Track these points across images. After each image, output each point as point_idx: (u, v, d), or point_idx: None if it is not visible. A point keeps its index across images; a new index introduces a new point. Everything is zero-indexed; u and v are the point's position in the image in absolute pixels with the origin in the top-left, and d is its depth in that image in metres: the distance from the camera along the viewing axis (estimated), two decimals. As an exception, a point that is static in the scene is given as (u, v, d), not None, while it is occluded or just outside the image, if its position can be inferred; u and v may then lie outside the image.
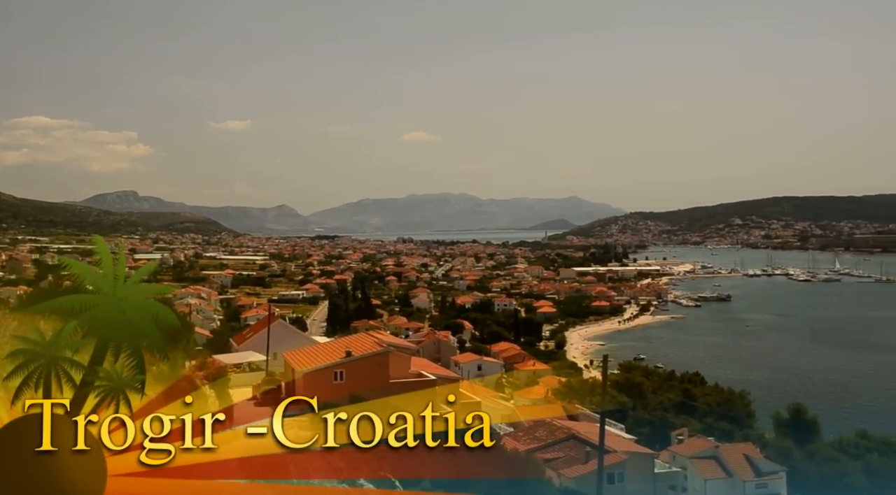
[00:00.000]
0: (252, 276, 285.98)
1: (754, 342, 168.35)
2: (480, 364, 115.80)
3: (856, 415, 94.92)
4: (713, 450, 51.86)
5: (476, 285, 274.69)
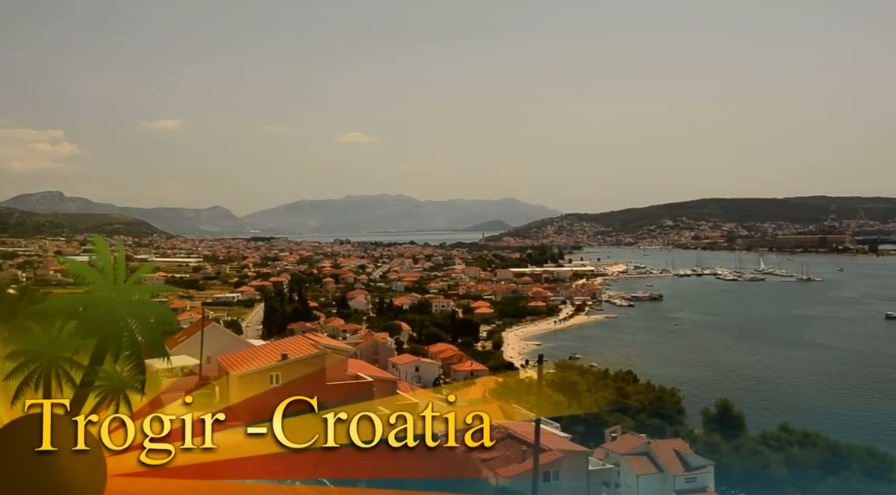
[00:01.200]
0: (185, 279, 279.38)
1: (684, 340, 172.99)
2: (418, 365, 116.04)
3: (778, 409, 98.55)
4: (645, 447, 53.17)
5: (414, 286, 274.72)
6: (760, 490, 55.00)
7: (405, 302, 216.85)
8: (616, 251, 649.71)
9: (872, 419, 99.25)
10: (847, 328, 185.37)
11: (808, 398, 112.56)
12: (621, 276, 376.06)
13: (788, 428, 65.28)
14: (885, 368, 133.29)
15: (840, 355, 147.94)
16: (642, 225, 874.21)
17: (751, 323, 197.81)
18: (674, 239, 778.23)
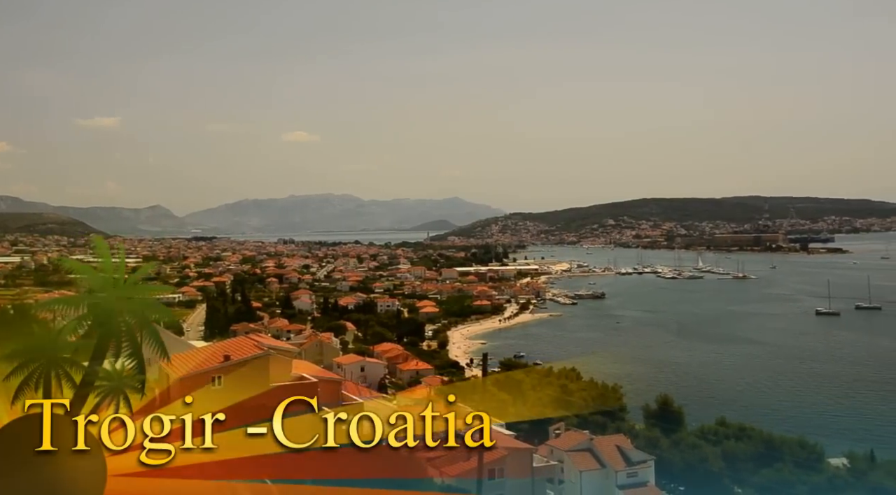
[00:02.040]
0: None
1: (626, 337, 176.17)
2: (363, 365, 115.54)
3: (716, 404, 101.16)
4: (588, 443, 54.01)
5: (358, 286, 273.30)
6: (699, 483, 56.43)
7: (350, 301, 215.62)
8: (559, 250, 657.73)
9: (803, 411, 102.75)
10: (780, 324, 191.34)
11: (744, 392, 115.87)
12: (565, 275, 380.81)
13: (725, 422, 67.12)
14: (815, 363, 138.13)
15: (773, 350, 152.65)
16: (585, 224, 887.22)
17: (689, 320, 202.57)
18: (616, 238, 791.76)
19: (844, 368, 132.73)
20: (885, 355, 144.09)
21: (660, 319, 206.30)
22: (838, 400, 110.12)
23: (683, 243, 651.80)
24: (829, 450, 62.44)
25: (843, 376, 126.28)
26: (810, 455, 57.10)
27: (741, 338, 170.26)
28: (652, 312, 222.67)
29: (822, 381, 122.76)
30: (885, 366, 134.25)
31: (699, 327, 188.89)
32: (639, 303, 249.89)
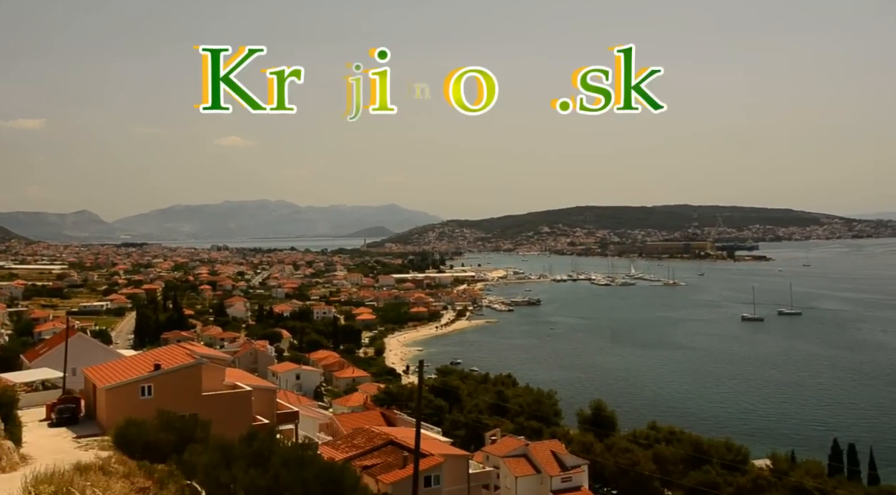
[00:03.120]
0: (48, 287, 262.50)
1: (561, 343, 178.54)
2: (299, 373, 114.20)
3: (647, 408, 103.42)
4: (523, 449, 54.48)
5: (295, 293, 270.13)
6: (631, 486, 57.55)
7: (286, 309, 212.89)
8: (496, 257, 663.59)
9: (730, 414, 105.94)
10: (708, 329, 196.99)
11: (674, 396, 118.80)
12: (501, 282, 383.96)
13: (656, 425, 68.81)
14: (742, 367, 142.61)
15: (702, 355, 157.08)
16: (521, 231, 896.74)
17: (622, 326, 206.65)
18: (551, 245, 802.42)
19: (768, 372, 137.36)
20: (804, 359, 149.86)
21: (594, 325, 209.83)
22: (762, 402, 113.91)
23: (616, 250, 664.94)
24: (754, 452, 64.56)
25: (767, 379, 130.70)
26: (736, 457, 58.91)
27: (672, 343, 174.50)
28: (586, 319, 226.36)
29: (747, 385, 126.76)
30: (804, 369, 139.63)
31: (632, 333, 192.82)
32: (573, 309, 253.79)
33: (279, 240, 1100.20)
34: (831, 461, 63.51)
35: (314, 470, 17.55)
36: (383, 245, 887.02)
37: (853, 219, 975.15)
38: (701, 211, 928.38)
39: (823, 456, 65.11)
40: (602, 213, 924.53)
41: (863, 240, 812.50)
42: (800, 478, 52.42)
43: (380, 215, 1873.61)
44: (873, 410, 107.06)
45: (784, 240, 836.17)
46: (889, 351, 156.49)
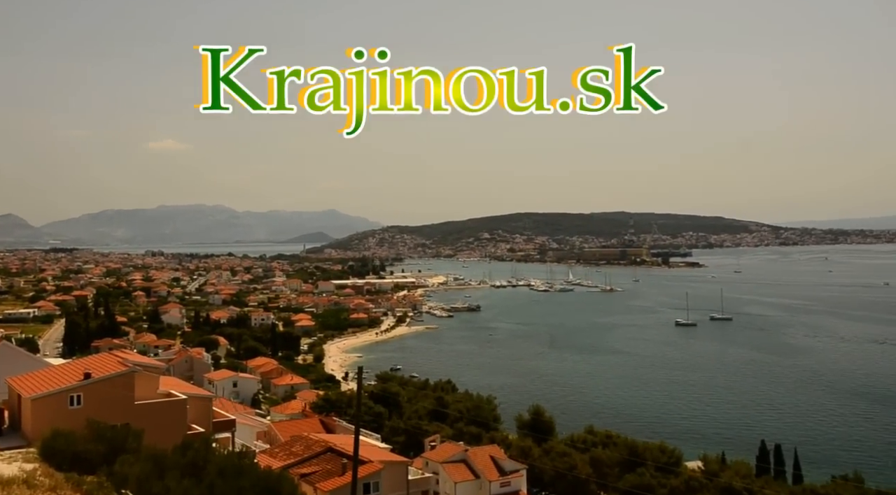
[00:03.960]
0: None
1: (500, 349, 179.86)
2: (236, 380, 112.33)
3: (585, 412, 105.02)
4: (463, 454, 54.66)
5: (232, 299, 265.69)
6: (568, 490, 58.26)
7: (223, 315, 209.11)
8: (436, 263, 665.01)
9: (664, 417, 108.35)
10: (643, 335, 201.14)
11: (611, 400, 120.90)
12: (441, 288, 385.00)
13: (593, 429, 69.84)
14: (675, 371, 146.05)
15: (637, 360, 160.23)
16: (461, 237, 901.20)
17: (561, 331, 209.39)
18: (491, 251, 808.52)
19: (700, 376, 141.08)
20: (734, 363, 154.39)
21: (532, 331, 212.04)
22: (695, 405, 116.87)
23: (555, 257, 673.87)
24: (686, 454, 66.15)
25: (699, 383, 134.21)
26: (670, 459, 60.22)
27: (608, 348, 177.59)
28: (525, 324, 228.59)
29: (680, 388, 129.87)
30: (734, 373, 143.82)
31: (570, 338, 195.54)
32: (513, 315, 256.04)
33: (216, 245, 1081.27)
34: (759, 461, 65.47)
35: (251, 479, 17.34)
36: (323, 251, 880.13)
37: (780, 226, 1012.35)
38: (637, 218, 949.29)
39: (752, 456, 67.08)
40: (541, 220, 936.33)
41: (789, 248, 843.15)
42: (729, 479, 53.93)
43: (319, 221, 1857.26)
44: (798, 412, 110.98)
45: (716, 247, 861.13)
46: (813, 354, 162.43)
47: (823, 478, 59.08)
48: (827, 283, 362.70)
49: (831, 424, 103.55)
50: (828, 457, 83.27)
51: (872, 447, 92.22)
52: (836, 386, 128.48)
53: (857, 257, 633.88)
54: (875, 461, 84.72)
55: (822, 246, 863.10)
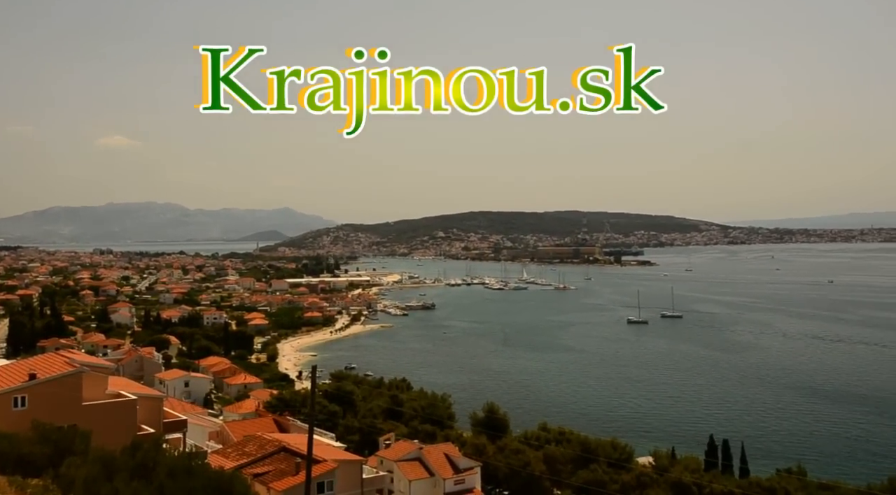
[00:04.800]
0: None
1: (455, 347, 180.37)
2: (188, 380, 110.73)
3: (538, 409, 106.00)
4: (417, 452, 54.79)
5: (184, 298, 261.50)
6: (521, 486, 58.84)
7: (174, 314, 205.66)
8: (391, 261, 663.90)
9: (616, 414, 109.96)
10: (596, 332, 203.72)
11: (564, 397, 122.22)
12: (396, 286, 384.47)
13: (547, 426, 70.57)
14: (627, 368, 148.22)
15: (590, 357, 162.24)
16: (416, 236, 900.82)
17: (514, 329, 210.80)
18: (446, 249, 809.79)
19: (651, 373, 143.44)
20: (684, 360, 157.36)
21: (487, 329, 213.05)
22: (646, 402, 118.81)
23: (509, 255, 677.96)
24: (637, 450, 67.28)
25: (650, 380, 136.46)
26: (622, 455, 61.22)
27: (561, 346, 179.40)
28: (479, 322, 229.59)
29: (632, 385, 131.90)
30: (684, 369, 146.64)
31: (523, 336, 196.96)
32: (467, 313, 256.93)
33: (167, 243, 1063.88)
34: (707, 456, 66.90)
35: (202, 480, 17.18)
36: (277, 249, 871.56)
37: (728, 226, 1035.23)
38: (590, 217, 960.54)
39: (701, 451, 68.53)
40: (495, 219, 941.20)
41: (737, 247, 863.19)
42: (679, 474, 55.09)
43: (273, 219, 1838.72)
44: (745, 407, 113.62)
45: (667, 246, 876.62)
46: (760, 351, 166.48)
47: (768, 471, 60.64)
48: (774, 281, 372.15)
49: (776, 418, 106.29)
50: (773, 451, 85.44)
51: (815, 440, 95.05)
52: (780, 382, 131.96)
53: (801, 256, 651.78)
54: (817, 453, 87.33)
55: (769, 244, 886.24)
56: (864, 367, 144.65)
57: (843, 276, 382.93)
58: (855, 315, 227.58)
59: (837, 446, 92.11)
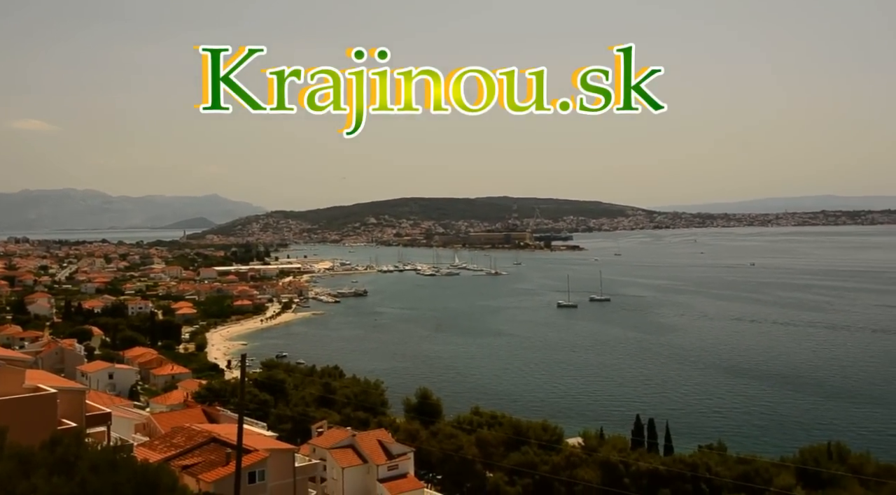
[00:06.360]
0: None
1: (387, 333, 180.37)
2: (112, 372, 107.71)
3: (471, 394, 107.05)
4: (350, 440, 54.66)
5: (107, 288, 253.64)
6: (455, 470, 59.38)
7: (97, 304, 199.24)
8: (322, 248, 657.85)
9: (547, 396, 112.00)
10: (526, 317, 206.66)
11: (496, 381, 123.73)
12: (328, 273, 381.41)
13: (479, 410, 71.29)
14: (557, 351, 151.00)
15: (521, 341, 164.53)
16: (347, 222, 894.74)
17: (446, 315, 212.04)
18: (377, 236, 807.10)
19: (581, 355, 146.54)
20: (611, 342, 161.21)
21: (419, 315, 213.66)
22: (576, 383, 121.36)
23: (441, 241, 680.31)
24: (567, 431, 68.65)
25: (580, 362, 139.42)
26: (552, 436, 62.33)
27: (493, 330, 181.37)
28: (412, 308, 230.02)
29: (562, 368, 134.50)
30: (612, 351, 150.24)
31: (455, 321, 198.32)
32: (399, 299, 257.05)
33: (88, 232, 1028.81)
34: (634, 435, 68.74)
35: (126, 474, 16.74)
36: (205, 237, 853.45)
37: (654, 211, 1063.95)
38: (520, 202, 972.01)
39: (628, 431, 70.41)
40: (427, 205, 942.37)
41: (662, 231, 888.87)
42: (607, 453, 56.49)
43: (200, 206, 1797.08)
44: (669, 387, 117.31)
45: (595, 231, 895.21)
46: (683, 332, 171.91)
47: (691, 448, 62.75)
48: (698, 264, 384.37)
49: (698, 397, 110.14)
50: (695, 428, 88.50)
51: (734, 416, 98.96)
52: (702, 362, 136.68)
53: (722, 239, 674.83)
54: (736, 429, 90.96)
55: (692, 229, 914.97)
56: (777, 346, 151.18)
57: (761, 259, 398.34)
58: (771, 296, 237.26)
59: (754, 421, 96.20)
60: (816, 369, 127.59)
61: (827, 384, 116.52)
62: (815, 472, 50.90)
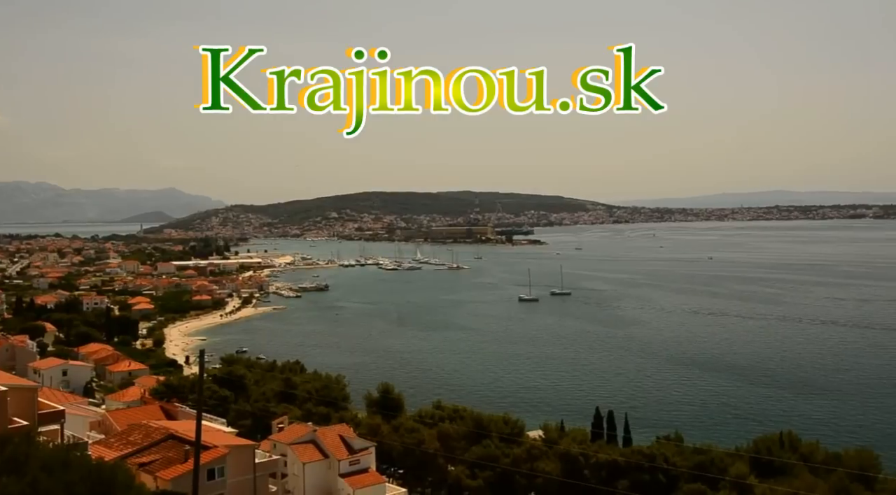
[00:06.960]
0: None
1: (349, 328, 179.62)
2: (66, 368, 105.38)
3: (433, 388, 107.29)
4: (311, 435, 54.37)
5: (60, 283, 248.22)
6: (416, 464, 59.51)
7: (50, 300, 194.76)
8: (283, 242, 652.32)
9: (508, 390, 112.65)
10: (488, 311, 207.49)
11: (457, 375, 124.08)
12: (289, 268, 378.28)
13: (441, 404, 71.54)
14: (518, 345, 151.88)
15: (482, 335, 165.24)
16: (308, 216, 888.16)
17: (408, 309, 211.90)
18: (339, 230, 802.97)
19: (542, 349, 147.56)
20: (572, 335, 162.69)
21: (381, 309, 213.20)
22: (537, 377, 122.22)
23: (403, 236, 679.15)
24: (528, 424, 69.20)
25: (541, 356, 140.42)
26: (513, 430, 62.82)
27: (454, 324, 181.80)
28: (373, 303, 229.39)
29: (523, 361, 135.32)
30: (572, 344, 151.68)
31: (417, 316, 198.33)
32: (361, 294, 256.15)
33: (40, 225, 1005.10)
34: (594, 427, 69.61)
35: (80, 472, 16.44)
36: (162, 231, 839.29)
37: (613, 205, 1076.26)
38: (482, 197, 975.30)
39: (588, 423, 71.22)
40: (389, 199, 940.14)
41: (621, 225, 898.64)
42: (567, 446, 57.11)
43: (158, 200, 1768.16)
44: (628, 379, 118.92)
45: (556, 225, 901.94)
46: (641, 326, 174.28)
47: (649, 439, 63.67)
48: (657, 258, 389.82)
49: (656, 389, 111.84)
50: (653, 419, 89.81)
51: (690, 407, 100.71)
52: (660, 354, 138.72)
53: (680, 234, 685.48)
54: (692, 420, 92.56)
55: (650, 223, 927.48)
56: (732, 338, 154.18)
57: (717, 253, 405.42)
58: (727, 289, 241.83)
59: (710, 412, 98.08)
60: (769, 361, 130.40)
61: (779, 375, 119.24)
62: (767, 461, 52.10)
